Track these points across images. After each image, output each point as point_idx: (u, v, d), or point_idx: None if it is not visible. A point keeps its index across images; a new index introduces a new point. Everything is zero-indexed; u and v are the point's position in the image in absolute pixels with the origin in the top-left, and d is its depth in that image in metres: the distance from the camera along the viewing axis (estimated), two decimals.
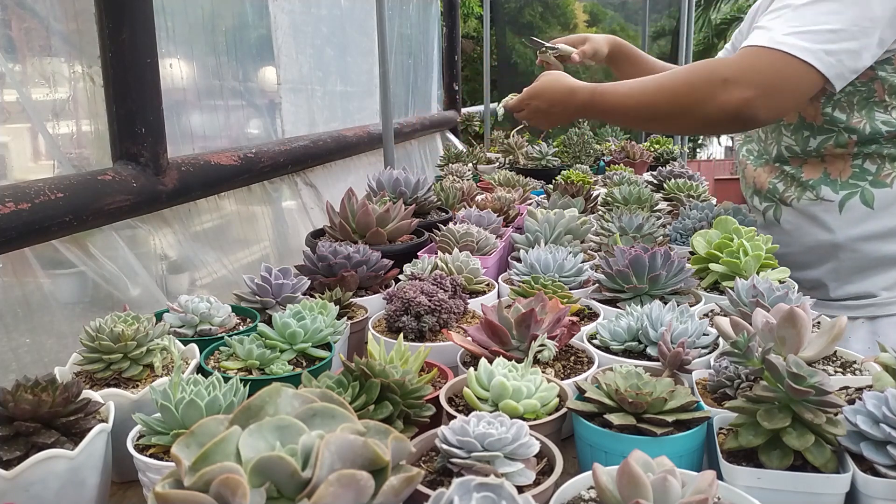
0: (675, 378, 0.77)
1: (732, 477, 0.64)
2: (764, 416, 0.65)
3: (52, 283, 1.13)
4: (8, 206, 0.93)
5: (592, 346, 0.95)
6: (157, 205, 1.33)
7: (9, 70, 1.11)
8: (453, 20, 4.20)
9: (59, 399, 0.68)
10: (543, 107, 1.47)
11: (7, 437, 0.64)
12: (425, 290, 1.03)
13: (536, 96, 1.48)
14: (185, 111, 1.62)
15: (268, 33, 2.01)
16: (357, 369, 0.74)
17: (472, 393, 0.78)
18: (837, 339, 0.84)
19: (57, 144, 1.20)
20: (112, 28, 1.17)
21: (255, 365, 0.88)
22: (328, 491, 0.44)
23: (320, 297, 1.11)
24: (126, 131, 1.23)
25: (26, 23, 1.14)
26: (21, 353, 1.07)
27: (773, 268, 1.19)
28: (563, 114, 1.46)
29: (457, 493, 0.49)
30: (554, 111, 1.46)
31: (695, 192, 2.01)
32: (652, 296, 1.11)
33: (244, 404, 0.51)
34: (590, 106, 1.37)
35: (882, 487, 0.61)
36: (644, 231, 1.47)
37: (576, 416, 0.73)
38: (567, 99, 1.42)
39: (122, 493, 0.80)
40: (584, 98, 1.37)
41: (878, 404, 0.64)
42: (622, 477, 0.53)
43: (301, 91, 2.29)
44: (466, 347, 0.91)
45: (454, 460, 0.62)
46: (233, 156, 1.65)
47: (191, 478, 0.46)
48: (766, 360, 0.66)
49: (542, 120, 1.52)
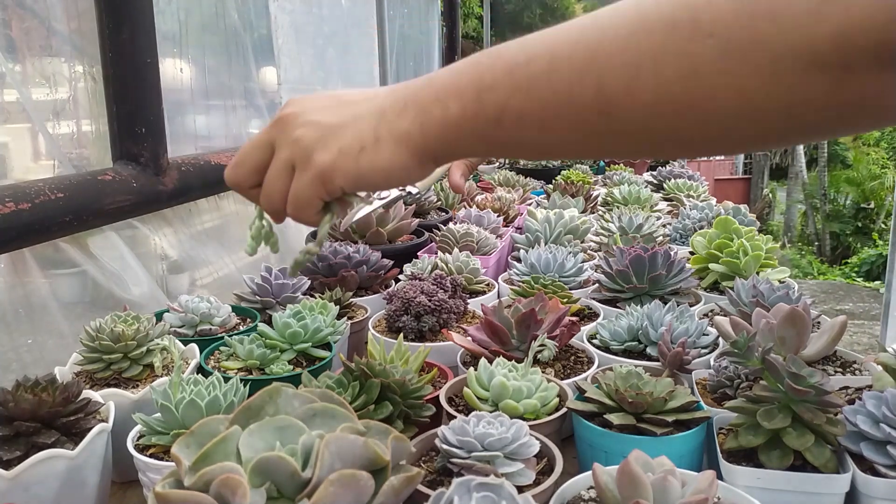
0: (675, 378, 0.78)
1: (732, 477, 0.64)
2: (764, 416, 0.65)
3: (52, 283, 1.13)
4: (8, 206, 0.93)
5: (592, 346, 0.95)
6: (158, 205, 1.33)
7: (9, 70, 1.11)
8: (453, 20, 4.20)
9: (60, 399, 0.68)
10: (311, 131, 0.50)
11: (7, 437, 0.64)
12: (425, 290, 1.03)
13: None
14: (186, 111, 1.62)
15: (268, 33, 2.01)
16: (357, 369, 0.75)
17: (472, 393, 0.78)
18: (837, 339, 0.84)
19: (57, 144, 1.20)
20: (112, 28, 1.17)
21: (256, 365, 0.88)
22: (328, 491, 0.44)
23: (320, 296, 1.11)
24: (126, 131, 1.23)
25: (26, 23, 1.14)
26: (22, 353, 1.07)
27: (772, 267, 1.19)
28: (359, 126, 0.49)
29: (457, 492, 0.49)
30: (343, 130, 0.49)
31: (695, 192, 2.01)
32: (652, 296, 1.11)
33: (244, 404, 0.51)
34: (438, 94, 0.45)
35: (882, 487, 0.61)
36: (644, 231, 1.47)
37: (576, 415, 0.73)
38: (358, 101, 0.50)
39: (122, 493, 0.80)
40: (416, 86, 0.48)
41: (877, 404, 0.64)
42: (622, 477, 0.53)
43: (302, 91, 2.29)
44: (466, 347, 0.91)
45: (454, 460, 0.62)
46: (233, 156, 1.65)
47: (191, 478, 0.46)
48: (766, 360, 0.66)
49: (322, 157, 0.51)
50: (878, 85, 0.33)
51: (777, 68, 0.34)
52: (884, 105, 0.34)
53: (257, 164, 0.53)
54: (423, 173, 0.50)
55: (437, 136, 0.47)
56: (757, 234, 1.26)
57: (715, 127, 0.38)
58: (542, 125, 0.42)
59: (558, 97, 0.40)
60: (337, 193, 0.51)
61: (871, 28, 0.31)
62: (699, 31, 0.35)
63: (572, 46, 0.40)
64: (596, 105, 0.39)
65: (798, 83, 0.34)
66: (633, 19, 0.38)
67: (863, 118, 0.36)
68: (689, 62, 0.36)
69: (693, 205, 1.68)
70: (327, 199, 0.51)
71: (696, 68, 0.36)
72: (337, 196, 0.51)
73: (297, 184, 0.50)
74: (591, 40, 0.39)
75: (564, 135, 0.42)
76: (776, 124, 0.37)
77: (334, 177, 0.49)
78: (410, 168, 0.49)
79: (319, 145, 0.49)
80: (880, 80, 0.33)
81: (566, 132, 0.42)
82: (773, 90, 0.35)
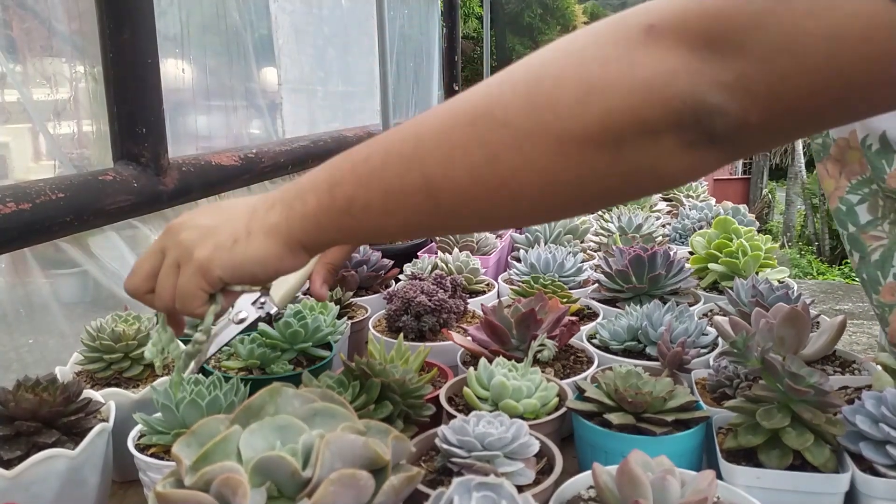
0: (674, 378, 0.78)
1: (732, 476, 0.64)
2: (763, 416, 0.65)
3: (53, 283, 1.13)
4: (9, 206, 0.94)
5: (592, 345, 0.96)
6: (158, 205, 1.33)
7: (10, 70, 1.11)
8: (453, 20, 4.19)
9: (60, 399, 0.68)
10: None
11: (8, 437, 0.65)
12: (425, 289, 1.03)
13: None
14: (187, 111, 1.62)
15: (269, 33, 2.02)
16: (357, 369, 0.75)
17: (471, 392, 0.78)
18: (837, 339, 0.84)
19: (58, 145, 1.20)
20: (113, 28, 1.17)
21: (256, 364, 0.89)
22: (328, 490, 0.44)
23: None
24: (127, 132, 1.23)
25: (27, 23, 1.14)
26: (23, 353, 1.07)
27: (772, 267, 1.19)
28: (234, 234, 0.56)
29: (457, 492, 0.49)
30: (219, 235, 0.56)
31: (694, 193, 2.01)
32: (651, 296, 1.11)
33: (245, 404, 0.51)
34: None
35: (881, 487, 0.61)
36: (643, 231, 1.48)
37: (575, 415, 0.73)
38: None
39: (122, 492, 0.80)
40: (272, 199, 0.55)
41: (877, 404, 0.64)
42: (622, 476, 0.54)
43: (302, 91, 2.29)
44: (466, 347, 0.91)
45: (454, 460, 0.62)
46: (233, 156, 1.65)
47: (191, 477, 0.46)
48: (766, 360, 0.66)
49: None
50: (650, 154, 0.39)
51: (562, 148, 0.40)
52: (660, 170, 0.40)
53: (150, 270, 0.59)
54: (297, 261, 0.55)
55: (300, 227, 0.53)
56: (756, 234, 1.26)
57: (525, 201, 0.44)
58: (385, 211, 0.48)
59: (393, 185, 0.46)
60: (217, 284, 0.56)
61: (629, 109, 0.38)
62: (495, 122, 0.42)
63: (401, 142, 0.47)
64: (423, 190, 0.45)
65: (582, 159, 0.40)
66: (445, 117, 0.45)
67: (646, 182, 0.42)
68: (490, 148, 0.42)
69: (692, 205, 1.69)
70: (209, 290, 0.57)
71: (497, 153, 0.42)
72: (218, 287, 0.57)
73: (181, 279, 0.57)
74: (415, 136, 0.46)
75: (405, 217, 0.48)
76: (574, 194, 0.43)
77: (212, 268, 0.55)
78: (283, 256, 0.54)
79: (199, 243, 0.55)
80: (650, 150, 0.39)
81: (406, 215, 0.48)
82: (562, 166, 0.41)
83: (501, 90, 0.43)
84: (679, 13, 0.38)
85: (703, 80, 0.37)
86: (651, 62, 0.37)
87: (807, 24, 0.34)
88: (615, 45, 0.39)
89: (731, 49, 0.36)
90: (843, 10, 0.33)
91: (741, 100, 0.36)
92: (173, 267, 0.57)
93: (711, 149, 0.39)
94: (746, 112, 0.37)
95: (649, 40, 0.38)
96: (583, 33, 0.41)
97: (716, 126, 0.38)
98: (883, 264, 0.82)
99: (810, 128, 0.40)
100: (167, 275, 0.57)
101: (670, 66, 0.37)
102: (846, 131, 0.84)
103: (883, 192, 0.79)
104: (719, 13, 0.36)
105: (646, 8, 0.39)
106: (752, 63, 0.35)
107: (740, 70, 0.36)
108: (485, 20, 4.25)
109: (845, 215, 0.85)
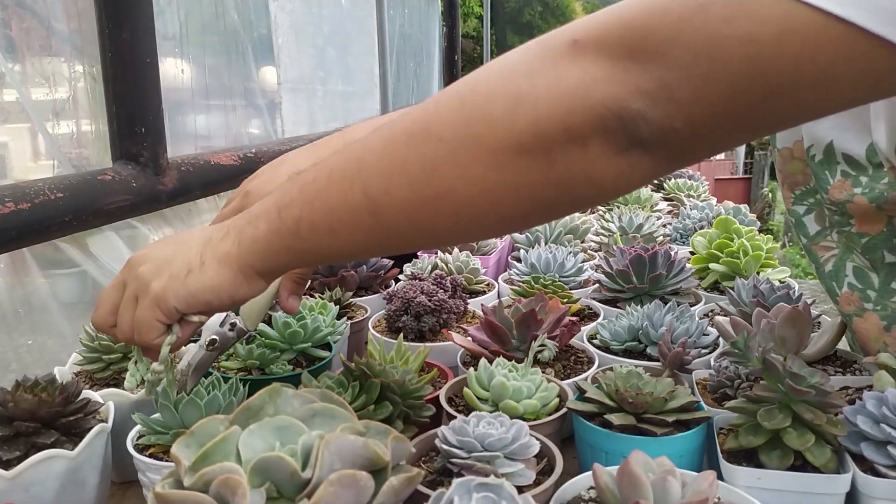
0: (675, 378, 0.77)
1: (732, 477, 0.64)
2: (764, 416, 0.65)
3: (52, 283, 1.13)
4: (8, 205, 0.93)
5: (592, 346, 0.95)
6: (157, 204, 1.33)
7: (9, 70, 1.11)
8: (453, 20, 4.19)
9: (59, 399, 0.67)
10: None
11: (7, 437, 0.64)
12: (425, 289, 1.03)
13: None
14: (186, 111, 1.62)
15: (268, 33, 2.01)
16: (357, 369, 0.74)
17: (472, 393, 0.77)
18: (838, 339, 0.84)
19: (57, 144, 1.20)
20: (112, 28, 1.17)
21: (255, 365, 0.88)
22: (328, 491, 0.44)
23: (320, 296, 1.11)
24: (126, 131, 1.23)
25: (26, 22, 1.14)
26: (21, 353, 1.07)
27: (773, 267, 1.19)
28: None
29: (457, 493, 0.49)
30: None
31: (695, 192, 2.01)
32: (652, 296, 1.11)
33: (244, 404, 0.51)
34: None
35: (882, 487, 0.61)
36: (644, 231, 1.47)
37: (576, 416, 0.73)
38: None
39: (121, 493, 0.80)
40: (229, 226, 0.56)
41: (878, 404, 0.64)
42: (622, 477, 0.53)
43: (301, 91, 2.29)
44: (466, 347, 0.91)
45: (454, 460, 0.62)
46: (233, 155, 1.65)
47: (190, 478, 0.46)
48: (766, 360, 0.66)
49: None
50: (580, 160, 0.40)
51: (495, 158, 0.41)
52: (594, 176, 0.41)
53: (114, 304, 0.59)
54: (252, 288, 0.56)
55: (252, 252, 0.53)
56: (757, 234, 1.26)
57: (464, 214, 0.44)
58: (331, 230, 0.49)
59: (338, 204, 0.48)
60: (173, 314, 0.57)
61: (555, 117, 0.39)
62: (431, 137, 0.43)
63: (344, 163, 0.48)
64: (366, 207, 0.46)
65: (516, 168, 0.41)
66: (385, 135, 0.46)
67: (583, 190, 0.43)
68: (427, 162, 0.43)
69: (693, 205, 1.68)
70: (165, 321, 0.57)
71: (434, 166, 0.43)
72: (175, 317, 0.57)
73: (138, 310, 0.57)
74: (358, 156, 0.48)
75: (350, 236, 0.49)
76: (513, 205, 0.43)
77: (167, 298, 0.55)
78: (237, 283, 0.55)
79: (154, 275, 0.56)
80: (580, 157, 0.40)
81: (351, 234, 0.49)
82: (498, 176, 0.42)
83: (437, 107, 0.44)
84: (601, 27, 0.40)
85: (625, 88, 0.38)
86: (575, 73, 0.39)
87: (724, 29, 0.35)
88: (542, 59, 0.41)
89: (652, 58, 0.37)
90: (758, 14, 0.35)
91: (665, 106, 0.38)
92: (132, 300, 0.58)
93: (644, 155, 0.40)
94: (670, 118, 0.38)
95: (574, 54, 0.40)
96: (515, 52, 0.43)
97: (640, 131, 0.39)
98: (836, 275, 0.82)
99: (741, 133, 0.40)
100: (126, 308, 0.58)
101: (593, 76, 0.39)
102: (790, 141, 0.83)
103: (827, 203, 0.78)
104: (639, 25, 0.38)
105: (572, 25, 0.42)
106: (673, 70, 0.37)
107: (662, 77, 0.37)
108: (485, 19, 4.25)
109: (797, 226, 0.85)
